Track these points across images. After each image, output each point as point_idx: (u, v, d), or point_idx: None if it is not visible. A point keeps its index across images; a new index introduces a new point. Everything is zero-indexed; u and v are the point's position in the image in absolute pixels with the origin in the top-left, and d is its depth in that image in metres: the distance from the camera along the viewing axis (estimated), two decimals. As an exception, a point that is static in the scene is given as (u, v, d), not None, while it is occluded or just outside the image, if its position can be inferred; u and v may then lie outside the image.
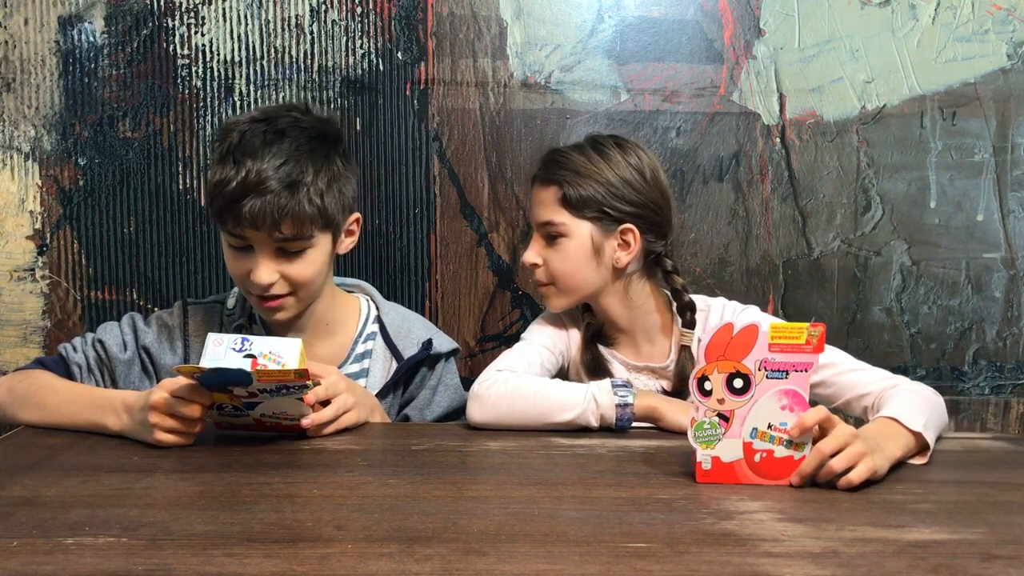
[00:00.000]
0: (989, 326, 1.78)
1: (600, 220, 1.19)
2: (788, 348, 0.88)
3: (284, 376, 0.95)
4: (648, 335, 1.27)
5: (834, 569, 0.68)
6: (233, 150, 1.07)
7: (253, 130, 1.09)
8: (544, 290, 1.25)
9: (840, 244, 1.76)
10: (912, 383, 1.12)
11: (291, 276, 1.11)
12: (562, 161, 1.21)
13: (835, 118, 1.74)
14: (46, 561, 0.67)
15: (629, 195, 1.19)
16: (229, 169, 1.06)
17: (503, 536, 0.74)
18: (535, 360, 1.21)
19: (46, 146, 1.67)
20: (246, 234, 1.09)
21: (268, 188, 1.05)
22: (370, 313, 1.29)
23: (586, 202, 1.19)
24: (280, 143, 1.08)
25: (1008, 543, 0.75)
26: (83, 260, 1.70)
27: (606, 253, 1.20)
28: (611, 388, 1.11)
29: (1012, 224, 1.76)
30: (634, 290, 1.24)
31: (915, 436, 0.98)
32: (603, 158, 1.20)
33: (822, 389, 1.17)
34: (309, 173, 1.09)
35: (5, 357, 1.71)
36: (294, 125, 1.12)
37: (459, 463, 0.97)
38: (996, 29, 1.72)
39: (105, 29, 1.66)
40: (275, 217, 1.06)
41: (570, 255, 1.20)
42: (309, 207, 1.08)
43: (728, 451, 0.89)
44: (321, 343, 1.23)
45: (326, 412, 1.05)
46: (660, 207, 1.22)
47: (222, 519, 0.77)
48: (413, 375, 1.26)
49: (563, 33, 1.71)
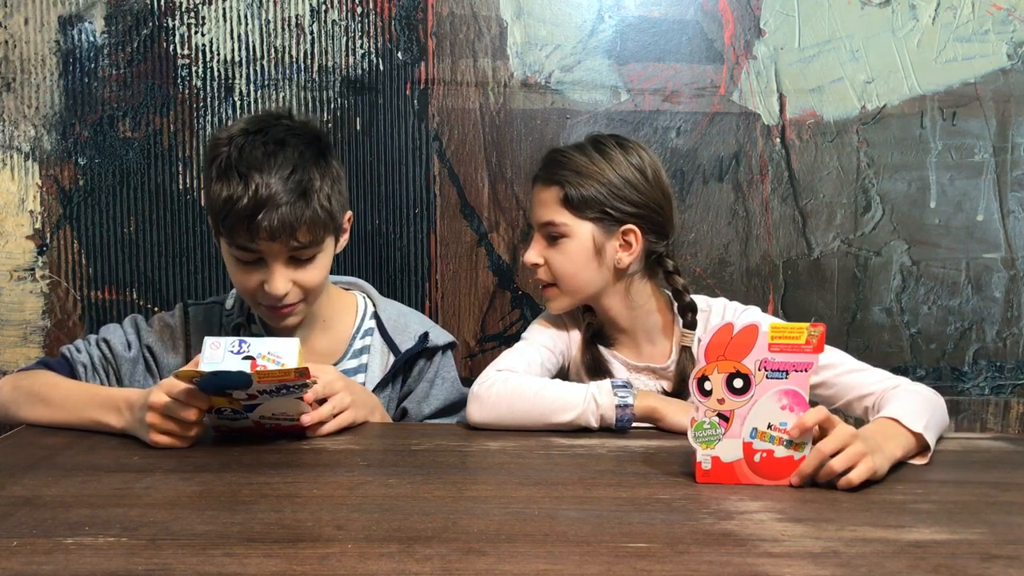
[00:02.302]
0: (989, 326, 1.78)
1: (602, 220, 1.19)
2: (788, 348, 0.88)
3: (284, 376, 0.95)
4: (649, 336, 1.26)
5: (834, 569, 0.68)
6: (236, 164, 1.06)
7: (251, 142, 1.08)
8: (546, 292, 1.25)
9: (840, 244, 1.76)
10: (913, 384, 1.12)
11: (303, 282, 1.12)
12: (563, 161, 1.21)
13: (835, 118, 1.74)
14: (46, 561, 0.67)
15: (631, 195, 1.19)
16: (236, 185, 1.05)
17: (503, 536, 0.74)
18: (535, 360, 1.21)
19: (46, 146, 1.67)
20: (260, 247, 1.08)
21: (282, 200, 1.05)
22: (367, 309, 1.29)
23: (588, 202, 1.18)
24: (283, 153, 1.08)
25: (1008, 543, 0.75)
26: (83, 260, 1.70)
27: (608, 254, 1.20)
28: (611, 389, 1.10)
29: (1012, 224, 1.76)
30: (635, 290, 1.24)
31: (915, 437, 0.98)
32: (605, 158, 1.20)
33: (823, 390, 1.17)
34: (316, 179, 1.09)
35: (5, 357, 1.71)
36: (290, 133, 1.11)
37: (459, 463, 0.97)
38: (996, 29, 1.72)
39: (105, 29, 1.66)
40: (293, 227, 1.06)
41: (572, 256, 1.20)
42: (322, 212, 1.09)
43: (728, 451, 0.89)
44: (319, 339, 1.23)
45: (323, 409, 1.05)
46: (662, 207, 1.22)
47: (222, 519, 0.77)
48: (411, 368, 1.27)
49: (563, 33, 1.71)
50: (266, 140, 1.09)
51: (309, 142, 1.12)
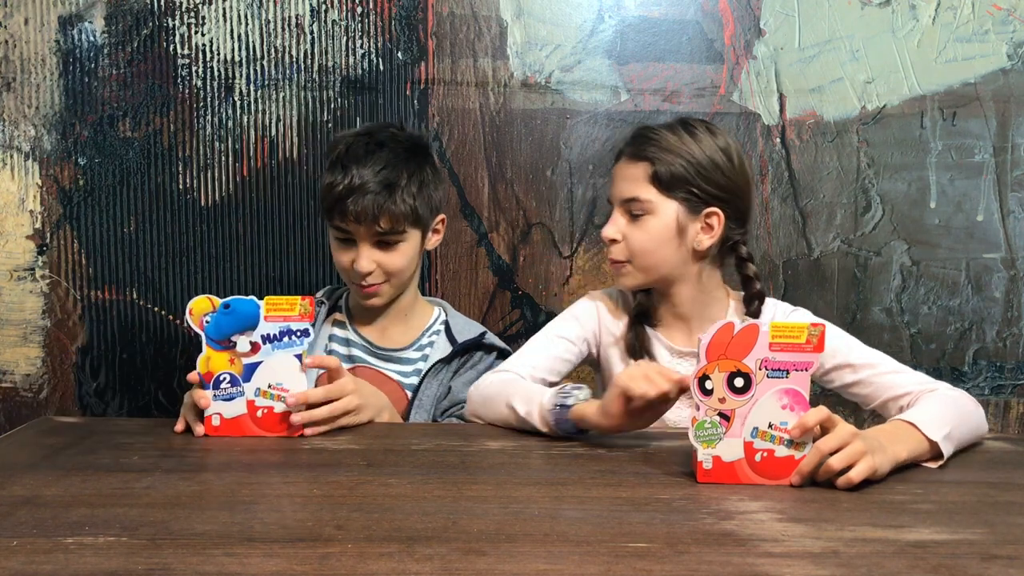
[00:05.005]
0: (989, 326, 1.78)
1: (687, 200, 1.18)
2: (788, 347, 0.88)
3: (288, 309, 1.03)
4: (704, 324, 1.23)
5: (834, 569, 0.68)
6: (342, 158, 1.27)
7: (358, 142, 1.29)
8: (618, 267, 1.23)
9: (840, 244, 1.76)
10: (952, 390, 1.09)
11: (386, 265, 1.28)
12: (654, 138, 1.19)
13: (835, 118, 1.74)
14: (46, 561, 0.67)
15: (717, 178, 1.18)
16: (338, 174, 1.25)
17: (503, 536, 0.74)
18: (552, 353, 1.23)
19: (46, 146, 1.67)
20: (350, 228, 1.26)
21: (369, 189, 1.24)
22: (440, 317, 1.42)
23: (676, 181, 1.17)
24: (380, 152, 1.27)
25: (1008, 543, 0.75)
26: (83, 260, 1.70)
27: (689, 235, 1.19)
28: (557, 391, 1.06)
29: (1012, 224, 1.76)
30: (706, 276, 1.23)
31: (930, 444, 0.97)
32: (694, 139, 1.18)
33: (860, 388, 1.16)
34: (403, 178, 1.26)
35: (5, 357, 1.71)
36: (392, 138, 1.30)
37: (459, 463, 0.97)
38: (996, 29, 1.72)
39: (105, 29, 1.66)
40: (375, 213, 1.24)
41: (653, 233, 1.19)
42: (404, 206, 1.26)
43: (729, 451, 0.89)
44: (396, 327, 1.38)
45: (319, 412, 1.07)
46: (745, 193, 1.21)
47: (222, 519, 0.77)
48: (468, 360, 1.37)
49: (563, 33, 1.71)
50: (369, 141, 1.29)
51: (407, 148, 1.30)
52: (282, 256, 1.72)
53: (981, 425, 1.08)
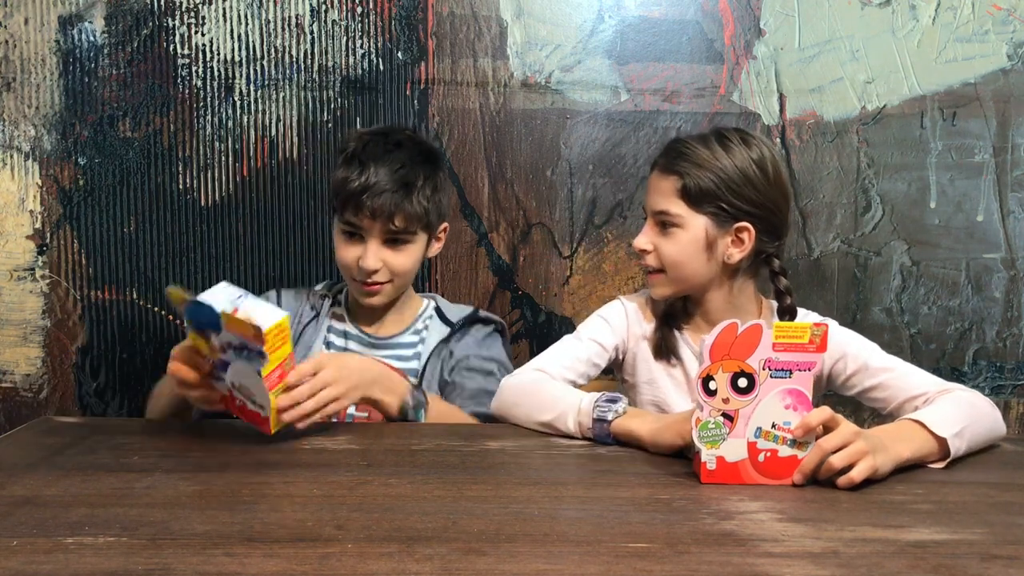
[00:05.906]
0: (989, 326, 1.78)
1: (716, 215, 1.18)
2: (792, 347, 0.88)
3: (244, 330, 0.94)
4: None
5: (834, 569, 0.68)
6: (358, 155, 1.28)
7: (375, 140, 1.30)
8: (652, 277, 1.24)
9: (840, 244, 1.76)
10: (967, 391, 1.09)
11: (392, 264, 1.29)
12: (685, 152, 1.19)
13: (835, 118, 1.74)
14: (46, 561, 0.67)
15: (749, 193, 1.17)
16: (354, 169, 1.26)
17: (503, 536, 0.74)
18: (581, 355, 1.23)
19: (46, 146, 1.67)
20: (363, 223, 1.26)
21: (387, 187, 1.25)
22: (431, 304, 1.45)
23: (704, 196, 1.17)
24: (397, 152, 1.28)
25: (1008, 543, 0.75)
26: (83, 260, 1.70)
27: (719, 248, 1.19)
28: (596, 400, 1.06)
29: (1012, 224, 1.76)
30: (739, 288, 1.23)
31: (938, 441, 0.96)
32: (727, 152, 1.18)
33: (879, 392, 1.15)
34: (420, 179, 1.28)
35: (5, 357, 1.71)
36: (409, 140, 1.33)
37: (459, 463, 0.97)
38: (996, 29, 1.72)
39: (105, 29, 1.66)
40: (391, 212, 1.25)
41: (682, 246, 1.19)
42: (417, 207, 1.27)
43: (733, 451, 0.89)
44: (390, 316, 1.39)
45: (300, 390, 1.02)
46: (779, 207, 1.20)
47: (222, 519, 0.77)
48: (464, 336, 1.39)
49: (563, 33, 1.71)
50: (387, 141, 1.30)
51: (422, 151, 1.32)
52: (282, 256, 1.72)
53: (997, 427, 1.07)
